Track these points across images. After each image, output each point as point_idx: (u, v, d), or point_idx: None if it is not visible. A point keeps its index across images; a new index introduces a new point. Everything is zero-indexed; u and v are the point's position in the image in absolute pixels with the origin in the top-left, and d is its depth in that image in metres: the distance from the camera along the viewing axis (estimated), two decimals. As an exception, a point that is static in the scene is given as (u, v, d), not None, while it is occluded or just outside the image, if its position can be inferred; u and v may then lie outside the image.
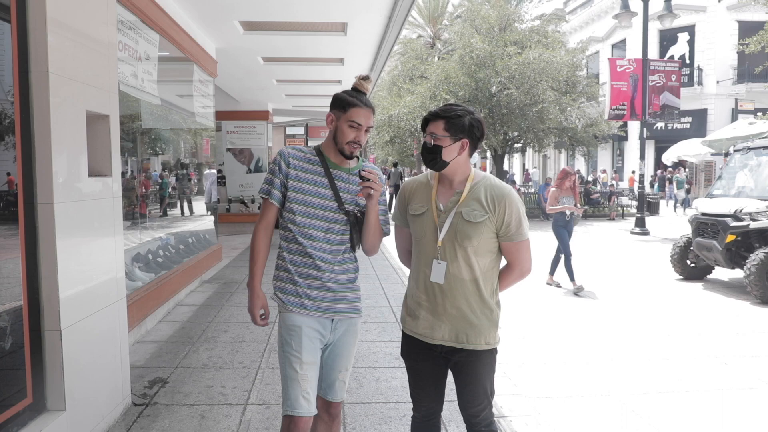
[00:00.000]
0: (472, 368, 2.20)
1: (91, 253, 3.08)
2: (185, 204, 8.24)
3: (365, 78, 2.23)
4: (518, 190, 18.71)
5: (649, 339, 5.12)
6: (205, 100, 7.03)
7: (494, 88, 16.93)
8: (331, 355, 2.27)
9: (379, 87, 26.27)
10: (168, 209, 7.72)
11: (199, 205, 10.45)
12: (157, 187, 7.16)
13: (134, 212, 5.69)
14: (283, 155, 2.21)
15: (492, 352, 2.22)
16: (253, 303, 2.22)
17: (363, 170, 2.08)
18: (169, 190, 8.38)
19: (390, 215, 2.40)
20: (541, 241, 12.66)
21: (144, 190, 6.68)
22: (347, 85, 10.77)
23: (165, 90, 6.47)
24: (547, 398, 3.77)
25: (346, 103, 2.17)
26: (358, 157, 2.32)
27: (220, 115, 12.24)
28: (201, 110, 6.93)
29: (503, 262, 2.27)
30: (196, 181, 10.62)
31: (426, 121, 2.15)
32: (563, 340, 5.08)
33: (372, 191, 2.09)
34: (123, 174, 6.37)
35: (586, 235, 13.55)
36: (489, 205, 2.11)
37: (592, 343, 4.99)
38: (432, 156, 2.10)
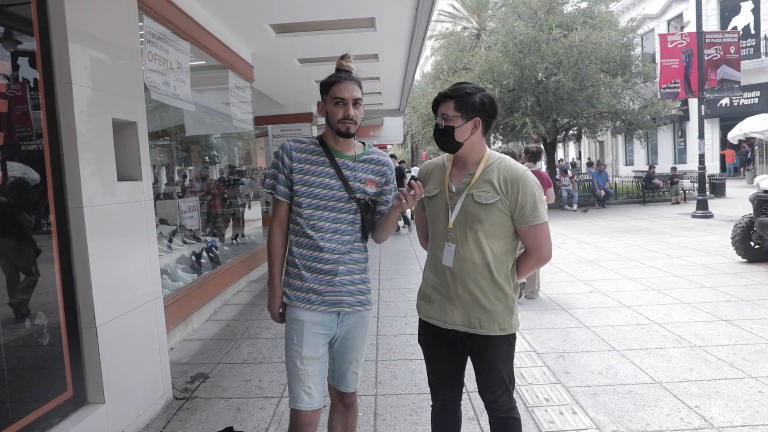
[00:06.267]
0: (487, 354, 2.14)
1: (124, 254, 3.22)
2: (233, 208, 8.50)
3: (344, 56, 2.20)
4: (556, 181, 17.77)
5: (705, 325, 4.83)
6: (244, 105, 7.21)
7: (540, 74, 16.41)
8: (340, 347, 2.27)
9: (424, 81, 26.12)
10: (222, 213, 8.00)
11: (246, 209, 10.69)
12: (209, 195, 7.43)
13: (177, 216, 5.91)
14: (285, 149, 2.18)
15: (508, 338, 2.15)
16: (274, 302, 2.25)
17: (414, 179, 2.03)
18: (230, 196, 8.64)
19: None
20: (600, 229, 12.21)
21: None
22: (385, 81, 10.86)
23: (205, 98, 6.69)
24: (587, 387, 3.63)
25: (327, 84, 2.16)
26: (363, 144, 2.31)
27: (267, 120, 12.47)
28: (241, 115, 7.11)
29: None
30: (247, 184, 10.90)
31: (437, 103, 2.10)
32: (613, 329, 4.87)
33: (404, 201, 2.04)
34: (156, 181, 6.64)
35: (643, 222, 12.94)
36: (501, 187, 2.04)
37: (643, 332, 4.75)
38: (445, 138, 2.07)
